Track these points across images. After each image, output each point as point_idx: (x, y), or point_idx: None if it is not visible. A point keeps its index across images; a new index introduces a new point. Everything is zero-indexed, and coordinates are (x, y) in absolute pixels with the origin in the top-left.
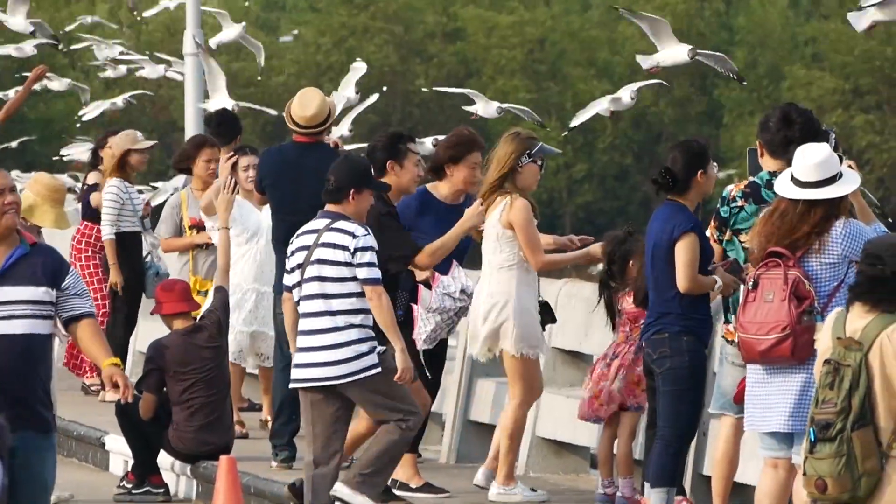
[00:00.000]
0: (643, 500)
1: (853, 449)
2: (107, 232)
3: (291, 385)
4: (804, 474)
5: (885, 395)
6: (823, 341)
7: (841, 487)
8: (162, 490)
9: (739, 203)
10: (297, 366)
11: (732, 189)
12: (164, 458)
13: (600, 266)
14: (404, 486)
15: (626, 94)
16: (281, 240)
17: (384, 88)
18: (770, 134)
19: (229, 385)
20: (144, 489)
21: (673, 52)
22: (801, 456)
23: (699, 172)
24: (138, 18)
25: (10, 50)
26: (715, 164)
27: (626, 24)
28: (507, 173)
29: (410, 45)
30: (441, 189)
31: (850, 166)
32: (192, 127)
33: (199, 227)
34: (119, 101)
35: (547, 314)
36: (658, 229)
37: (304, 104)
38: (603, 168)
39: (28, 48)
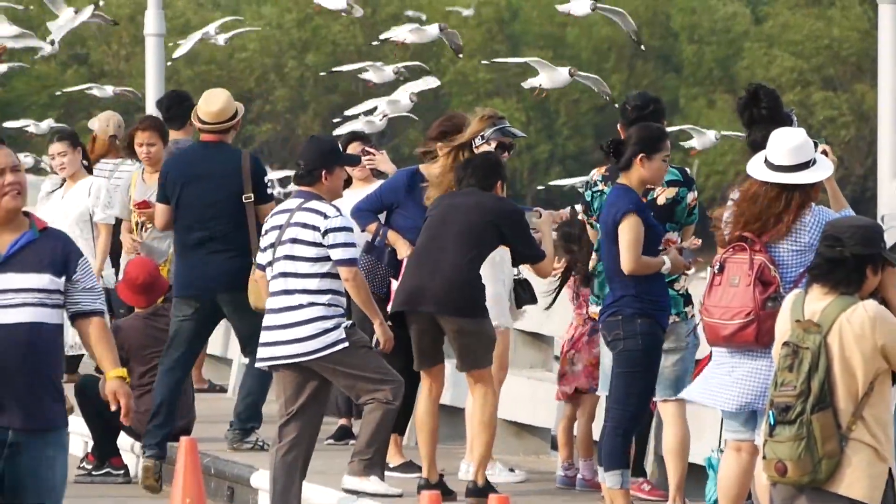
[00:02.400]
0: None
1: (813, 432)
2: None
3: (258, 364)
4: (764, 457)
5: (844, 377)
6: (782, 324)
7: (801, 470)
8: (122, 471)
9: (600, 187)
10: (263, 344)
11: (594, 173)
12: (124, 440)
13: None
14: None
15: (405, 95)
16: (186, 241)
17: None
18: (626, 119)
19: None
20: (104, 470)
21: (554, 76)
22: (761, 439)
23: (640, 156)
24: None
25: None
26: (667, 153)
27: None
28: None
29: (376, 25)
30: (434, 170)
31: (824, 153)
32: (153, 108)
33: (145, 206)
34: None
35: (525, 292)
36: (605, 212)
37: (210, 100)
38: (564, 150)
39: None
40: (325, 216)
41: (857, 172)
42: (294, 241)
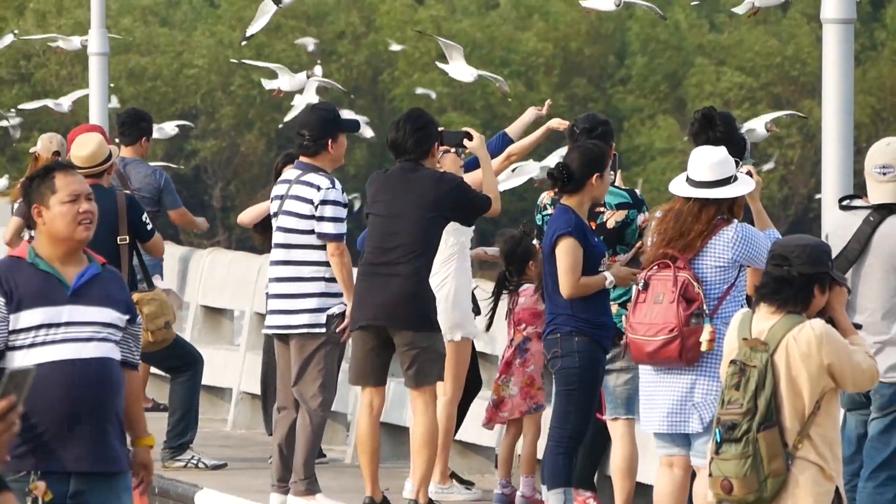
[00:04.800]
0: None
1: (759, 450)
2: None
3: (264, 331)
4: (710, 475)
5: (790, 395)
6: (729, 342)
7: (747, 488)
8: None
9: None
10: (268, 312)
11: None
12: None
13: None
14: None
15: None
16: None
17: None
18: (575, 141)
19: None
20: None
21: (459, 71)
22: (707, 457)
23: (595, 175)
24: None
25: None
26: (612, 172)
27: (531, 24)
28: None
29: (322, 44)
30: None
31: (748, 173)
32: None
33: None
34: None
35: (473, 302)
36: (546, 233)
37: (81, 145)
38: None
39: None
40: (319, 188)
41: (801, 192)
42: (288, 213)
